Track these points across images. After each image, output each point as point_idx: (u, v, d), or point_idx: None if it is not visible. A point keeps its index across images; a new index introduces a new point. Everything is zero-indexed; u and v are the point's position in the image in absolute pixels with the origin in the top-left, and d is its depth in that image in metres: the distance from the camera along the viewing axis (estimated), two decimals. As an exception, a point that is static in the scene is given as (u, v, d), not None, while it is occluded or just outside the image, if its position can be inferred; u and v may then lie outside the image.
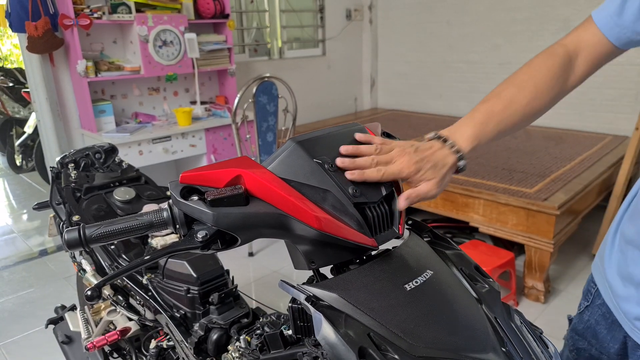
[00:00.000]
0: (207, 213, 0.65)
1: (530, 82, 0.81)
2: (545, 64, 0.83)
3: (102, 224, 0.67)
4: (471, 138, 0.77)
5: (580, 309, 0.95)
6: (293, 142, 0.72)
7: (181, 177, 0.68)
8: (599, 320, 0.89)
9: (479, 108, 0.81)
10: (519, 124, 0.82)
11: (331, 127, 0.81)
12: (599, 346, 0.90)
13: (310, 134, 0.75)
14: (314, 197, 0.69)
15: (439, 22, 4.05)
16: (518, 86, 0.81)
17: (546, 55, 0.85)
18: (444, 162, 0.73)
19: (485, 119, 0.79)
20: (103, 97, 3.15)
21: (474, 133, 0.77)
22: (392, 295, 0.66)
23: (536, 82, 0.81)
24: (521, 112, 0.81)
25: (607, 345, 0.88)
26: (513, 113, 0.80)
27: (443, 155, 0.74)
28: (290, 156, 0.71)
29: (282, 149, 0.72)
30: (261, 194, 0.68)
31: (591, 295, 0.91)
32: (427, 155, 0.73)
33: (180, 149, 3.07)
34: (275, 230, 0.69)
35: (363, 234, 0.70)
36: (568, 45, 0.85)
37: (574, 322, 0.98)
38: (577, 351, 0.96)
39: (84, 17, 2.74)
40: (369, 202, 0.71)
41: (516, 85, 0.82)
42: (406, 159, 0.71)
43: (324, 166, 0.70)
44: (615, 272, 0.84)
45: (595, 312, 0.90)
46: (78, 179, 1.46)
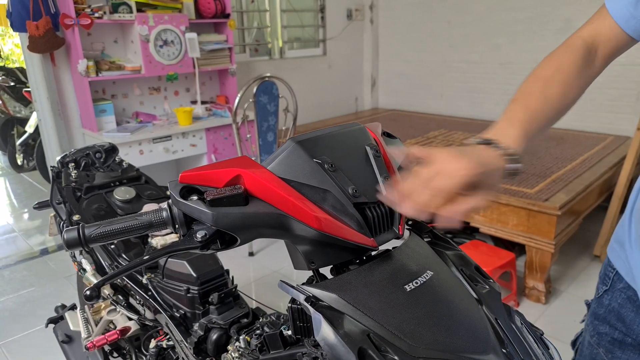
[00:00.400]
0: (207, 213, 0.65)
1: (558, 78, 0.79)
2: (569, 59, 0.81)
3: (101, 223, 0.67)
4: (520, 138, 0.72)
5: (599, 294, 0.94)
6: (293, 142, 0.71)
7: (180, 176, 0.68)
8: (623, 303, 0.88)
9: (514, 108, 0.78)
10: (554, 120, 0.80)
11: (331, 127, 0.81)
12: (626, 329, 0.88)
13: (310, 134, 0.74)
14: (313, 197, 0.69)
15: (439, 22, 4.05)
16: (547, 82, 0.79)
17: (567, 49, 0.83)
18: (496, 166, 0.65)
19: (528, 117, 0.75)
20: (104, 96, 3.15)
21: (522, 133, 0.72)
22: (392, 296, 0.66)
23: (564, 78, 0.79)
24: (556, 108, 0.78)
25: (636, 327, 0.87)
26: (550, 109, 0.78)
27: (493, 159, 0.65)
28: (290, 156, 0.71)
29: (282, 148, 0.71)
30: (261, 194, 0.68)
31: (609, 279, 0.90)
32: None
33: (180, 149, 3.07)
34: (275, 230, 0.69)
35: (363, 235, 0.69)
36: (586, 39, 0.83)
37: (592, 308, 0.97)
38: (599, 336, 0.95)
39: (85, 17, 2.74)
40: (369, 203, 0.71)
41: (545, 81, 0.79)
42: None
43: (323, 166, 0.70)
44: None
45: (617, 296, 0.89)
46: (78, 178, 1.46)
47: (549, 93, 0.78)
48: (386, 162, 0.78)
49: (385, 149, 0.81)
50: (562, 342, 1.03)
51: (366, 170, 0.75)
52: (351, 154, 0.76)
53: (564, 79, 0.79)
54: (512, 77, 3.71)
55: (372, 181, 0.75)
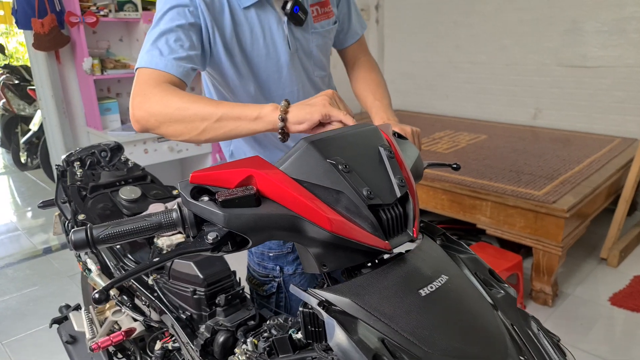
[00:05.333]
0: (218, 214, 0.63)
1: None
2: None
3: (109, 224, 0.66)
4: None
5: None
6: (306, 142, 0.70)
7: (191, 176, 0.67)
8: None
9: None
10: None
11: (343, 127, 0.80)
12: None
13: (323, 134, 0.73)
14: (327, 199, 0.68)
15: (445, 23, 4.03)
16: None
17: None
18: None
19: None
20: (109, 95, 3.14)
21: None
22: (406, 301, 0.64)
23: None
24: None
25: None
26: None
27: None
28: (303, 156, 0.69)
29: (295, 149, 0.70)
30: (273, 195, 0.66)
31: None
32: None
33: (185, 148, 3.06)
34: (287, 232, 0.67)
35: (377, 237, 0.68)
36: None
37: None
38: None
39: (91, 15, 2.73)
40: (384, 204, 0.70)
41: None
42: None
43: (337, 167, 0.68)
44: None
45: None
46: (84, 177, 1.45)
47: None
48: (399, 163, 0.77)
49: (397, 150, 0.79)
50: (570, 346, 1.01)
51: (380, 172, 0.74)
52: (364, 155, 0.74)
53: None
54: (517, 78, 3.69)
55: (386, 182, 0.73)
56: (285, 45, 1.10)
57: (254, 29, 1.07)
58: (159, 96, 0.89)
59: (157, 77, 0.92)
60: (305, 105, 0.84)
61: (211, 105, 0.87)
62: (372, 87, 1.22)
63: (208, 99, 0.92)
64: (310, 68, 1.17)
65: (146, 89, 0.91)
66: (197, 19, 0.99)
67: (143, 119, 0.90)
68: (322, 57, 1.19)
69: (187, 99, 0.88)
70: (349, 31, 1.27)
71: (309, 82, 1.18)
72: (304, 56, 1.15)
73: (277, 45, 1.10)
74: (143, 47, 0.97)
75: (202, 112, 0.87)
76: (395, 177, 0.73)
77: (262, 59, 1.10)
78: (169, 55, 0.94)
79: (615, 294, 2.37)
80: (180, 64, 0.94)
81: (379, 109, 1.15)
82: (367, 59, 1.31)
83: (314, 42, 1.15)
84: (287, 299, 1.29)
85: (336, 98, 0.86)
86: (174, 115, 0.88)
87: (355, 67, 1.30)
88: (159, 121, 0.89)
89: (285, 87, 1.15)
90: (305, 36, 1.13)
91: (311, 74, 1.18)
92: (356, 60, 1.30)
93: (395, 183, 0.72)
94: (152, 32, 0.98)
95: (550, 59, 3.49)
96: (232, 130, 0.87)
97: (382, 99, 1.18)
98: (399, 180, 0.73)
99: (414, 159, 0.88)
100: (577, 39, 3.34)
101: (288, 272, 1.28)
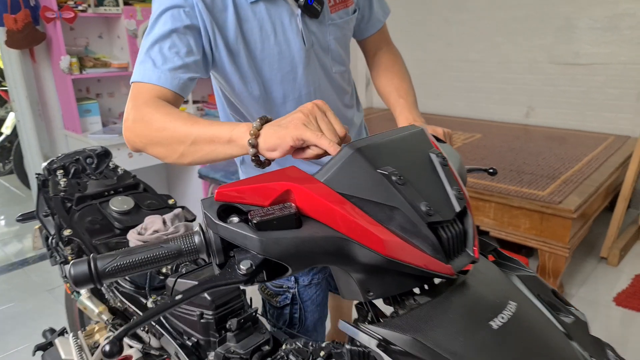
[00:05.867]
0: (253, 239, 0.52)
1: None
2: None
3: (117, 253, 0.54)
4: None
5: None
6: (351, 150, 0.59)
7: (217, 193, 0.55)
8: None
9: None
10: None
11: (389, 130, 0.69)
12: None
13: (369, 139, 0.62)
14: (379, 216, 0.57)
15: (436, 20, 3.96)
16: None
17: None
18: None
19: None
20: (88, 95, 2.97)
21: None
22: (478, 336, 0.54)
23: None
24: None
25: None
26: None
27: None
28: (350, 166, 0.58)
29: (339, 157, 0.59)
30: (316, 213, 0.55)
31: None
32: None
33: (171, 151, 2.91)
34: (332, 256, 0.56)
35: (439, 261, 0.57)
36: None
37: None
38: None
39: (68, 10, 2.56)
40: (443, 221, 0.59)
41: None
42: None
43: (390, 178, 0.58)
44: None
45: None
46: (68, 187, 1.31)
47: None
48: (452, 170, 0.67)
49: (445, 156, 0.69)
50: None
51: (434, 182, 0.63)
52: (415, 163, 0.64)
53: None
54: (510, 76, 3.65)
55: (443, 195, 0.63)
56: (299, 41, 0.99)
57: (264, 26, 0.95)
58: (146, 116, 0.82)
59: (149, 92, 0.85)
60: (277, 127, 0.69)
61: (187, 125, 0.78)
62: (395, 82, 1.12)
63: (188, 117, 0.80)
64: (328, 64, 1.06)
65: (135, 108, 0.84)
66: (194, 20, 0.89)
67: (130, 140, 0.86)
68: (340, 50, 1.08)
69: (168, 118, 0.80)
70: (370, 19, 1.16)
71: (326, 80, 1.07)
72: (321, 51, 1.04)
73: (291, 42, 0.98)
74: (138, 56, 0.90)
75: (178, 134, 0.78)
76: (453, 188, 0.63)
77: (274, 59, 0.98)
78: (163, 66, 0.86)
79: (619, 294, 2.32)
80: (176, 75, 0.86)
81: (404, 108, 1.05)
82: (390, 49, 1.20)
83: (331, 35, 1.04)
84: (302, 310, 1.20)
85: (316, 114, 0.69)
86: (154, 137, 0.82)
87: (376, 59, 1.19)
88: (143, 143, 0.84)
89: (302, 88, 1.04)
90: (322, 29, 1.02)
91: (329, 71, 1.07)
92: (377, 51, 1.20)
93: (453, 195, 0.62)
94: (146, 38, 0.89)
95: (543, 56, 3.45)
96: (208, 154, 0.78)
97: (407, 96, 1.08)
98: (456, 192, 0.62)
99: (458, 164, 0.78)
100: (569, 36, 3.31)
101: (303, 283, 1.19)
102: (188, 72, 0.88)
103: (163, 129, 0.80)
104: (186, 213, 1.31)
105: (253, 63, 0.98)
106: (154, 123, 0.81)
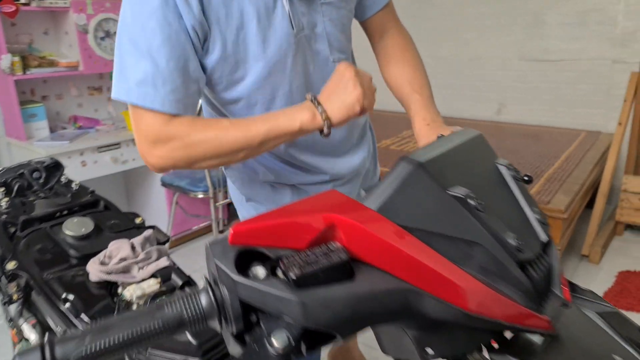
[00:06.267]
0: (292, 302, 0.35)
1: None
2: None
3: (86, 332, 0.36)
4: None
5: None
6: (410, 165, 0.43)
7: (233, 232, 0.38)
8: None
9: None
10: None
11: (447, 137, 0.54)
12: None
13: (427, 150, 0.47)
14: (453, 255, 0.41)
15: (404, 17, 3.85)
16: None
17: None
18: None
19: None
20: (33, 98, 2.67)
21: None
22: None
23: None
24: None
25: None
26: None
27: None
28: (411, 188, 0.42)
29: (394, 176, 0.43)
30: (372, 255, 0.39)
31: None
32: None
33: (132, 158, 2.66)
34: (394, 315, 0.40)
35: (533, 312, 0.43)
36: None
37: None
38: None
39: (9, 3, 2.27)
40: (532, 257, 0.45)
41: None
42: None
43: (466, 203, 0.43)
44: None
45: None
46: (11, 208, 1.09)
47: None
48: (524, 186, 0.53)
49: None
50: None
51: (510, 204, 0.49)
52: (485, 179, 0.49)
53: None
54: (480, 73, 3.61)
55: (524, 221, 0.48)
56: (287, 26, 0.83)
57: (245, 9, 0.79)
58: (179, 140, 0.79)
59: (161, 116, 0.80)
60: (340, 100, 0.75)
61: (246, 130, 0.78)
62: (407, 72, 0.96)
63: (235, 121, 0.81)
64: (325, 51, 0.90)
65: (157, 136, 0.80)
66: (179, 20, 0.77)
67: (167, 167, 0.83)
68: (339, 34, 0.92)
69: (214, 131, 0.78)
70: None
71: (321, 70, 0.91)
72: (314, 36, 0.88)
73: (277, 28, 0.82)
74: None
75: (239, 142, 0.78)
76: (533, 211, 0.48)
77: (258, 50, 0.82)
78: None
79: (606, 293, 2.29)
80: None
81: (420, 107, 0.90)
82: (399, 30, 1.04)
83: (326, 17, 0.88)
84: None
85: (366, 78, 0.78)
86: (205, 155, 0.80)
87: (383, 44, 1.03)
88: (188, 164, 0.82)
89: (292, 81, 0.88)
90: (313, 9, 0.86)
91: (326, 59, 0.91)
92: (384, 33, 1.03)
93: (535, 220, 0.48)
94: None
95: (513, 52, 3.42)
96: (276, 145, 0.81)
97: (422, 90, 0.93)
98: (538, 216, 0.48)
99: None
100: (539, 32, 3.30)
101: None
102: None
103: (217, 145, 0.78)
104: (157, 234, 1.12)
105: (235, 59, 0.83)
106: (199, 146, 0.79)
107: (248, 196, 1.08)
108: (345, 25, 0.93)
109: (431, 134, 0.84)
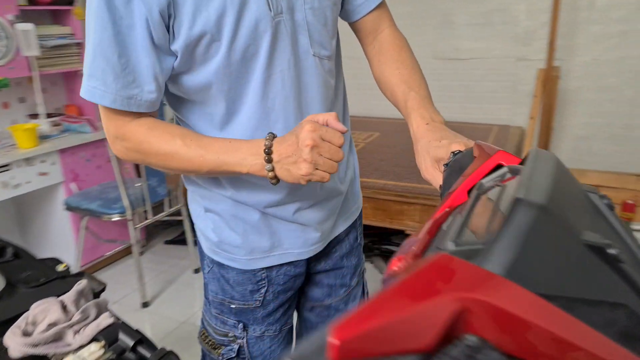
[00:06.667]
0: None
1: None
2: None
3: None
4: None
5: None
6: (533, 210, 0.32)
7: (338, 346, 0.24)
8: None
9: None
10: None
11: (534, 164, 0.43)
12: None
13: (533, 184, 0.36)
14: (594, 322, 0.32)
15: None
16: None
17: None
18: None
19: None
20: None
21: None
22: None
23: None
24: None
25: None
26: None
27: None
28: (541, 241, 0.32)
29: (515, 227, 0.32)
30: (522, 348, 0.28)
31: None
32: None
33: (25, 181, 2.27)
34: None
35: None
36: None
37: None
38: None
39: None
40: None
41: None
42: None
43: (605, 253, 0.33)
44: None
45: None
46: None
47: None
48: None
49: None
50: None
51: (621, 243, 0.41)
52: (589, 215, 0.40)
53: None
54: (396, 72, 3.66)
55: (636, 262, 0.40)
56: (263, 5, 0.73)
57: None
58: (134, 144, 0.78)
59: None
60: (288, 167, 0.72)
61: (198, 155, 0.76)
62: (404, 72, 0.88)
63: (191, 141, 0.77)
64: (304, 44, 0.80)
65: (115, 133, 0.79)
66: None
67: (128, 162, 0.63)
68: (320, 27, 0.81)
69: (168, 147, 0.76)
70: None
71: (299, 64, 0.81)
72: (292, 24, 0.78)
73: (252, 7, 0.72)
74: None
75: (188, 166, 0.77)
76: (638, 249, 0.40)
77: (231, 27, 0.72)
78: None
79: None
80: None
81: (418, 104, 0.83)
82: (394, 32, 0.96)
83: (307, 4, 0.78)
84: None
85: (320, 148, 0.71)
86: (157, 165, 0.80)
87: (377, 45, 0.95)
88: (145, 164, 0.86)
89: (266, 70, 0.78)
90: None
91: (305, 53, 0.80)
92: (377, 34, 0.95)
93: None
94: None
95: (427, 52, 3.52)
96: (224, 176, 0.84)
97: (419, 89, 0.85)
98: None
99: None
100: (449, 32, 3.43)
101: (254, 333, 0.93)
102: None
103: (167, 160, 0.78)
104: (92, 283, 0.90)
105: (206, 50, 0.75)
106: (151, 154, 0.78)
107: (208, 207, 0.92)
108: (327, 18, 0.83)
109: (431, 135, 0.77)
